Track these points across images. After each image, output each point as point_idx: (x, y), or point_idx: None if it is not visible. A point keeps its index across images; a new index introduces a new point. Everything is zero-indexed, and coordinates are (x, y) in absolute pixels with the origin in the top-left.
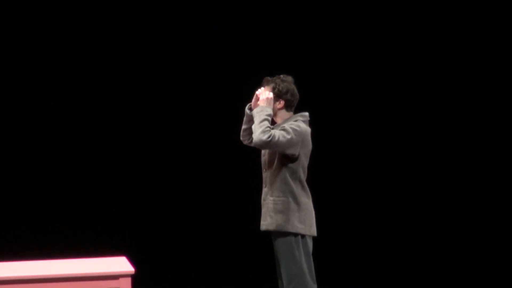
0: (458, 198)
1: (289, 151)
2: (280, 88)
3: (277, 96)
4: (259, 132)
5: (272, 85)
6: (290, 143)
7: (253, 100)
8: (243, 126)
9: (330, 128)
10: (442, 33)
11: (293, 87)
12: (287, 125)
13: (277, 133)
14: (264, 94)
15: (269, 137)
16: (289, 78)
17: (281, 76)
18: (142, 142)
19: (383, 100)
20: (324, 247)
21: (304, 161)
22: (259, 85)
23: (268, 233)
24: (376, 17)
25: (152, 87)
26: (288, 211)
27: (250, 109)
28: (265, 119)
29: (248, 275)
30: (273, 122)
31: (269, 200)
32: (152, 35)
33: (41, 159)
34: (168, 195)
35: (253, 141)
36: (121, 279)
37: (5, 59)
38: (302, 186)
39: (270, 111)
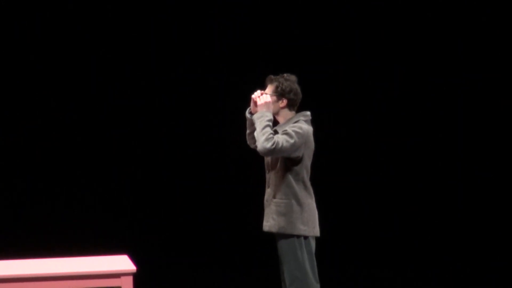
0: (458, 198)
1: (294, 155)
2: (283, 87)
3: (280, 95)
4: (262, 140)
5: (275, 83)
6: (294, 147)
7: (251, 104)
8: (247, 131)
9: (330, 128)
10: (442, 33)
11: (296, 86)
12: (289, 129)
13: (281, 138)
14: (262, 98)
15: (273, 144)
16: (293, 77)
17: (285, 75)
18: (142, 142)
19: (383, 100)
20: (324, 247)
21: (308, 161)
22: (260, 85)
23: (270, 233)
24: (376, 17)
25: (152, 87)
26: (291, 213)
27: (251, 113)
28: (266, 125)
29: (249, 275)
30: (275, 122)
31: (272, 201)
32: (152, 35)
33: (41, 159)
34: (168, 195)
35: (258, 149)
36: (122, 278)
37: (5, 59)
38: (305, 187)
39: (270, 116)
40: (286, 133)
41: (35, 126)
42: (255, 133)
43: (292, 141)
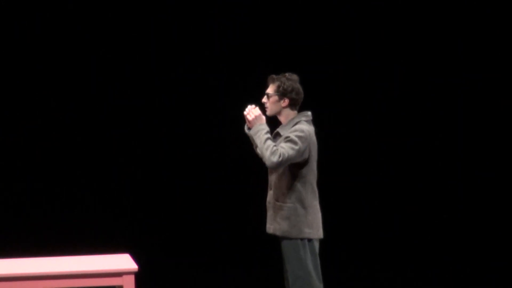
0: (458, 198)
1: (300, 159)
2: (285, 87)
3: (282, 94)
4: (268, 155)
5: (277, 83)
6: (299, 152)
7: (246, 120)
8: (253, 146)
9: (330, 128)
10: (442, 33)
11: (298, 85)
12: (291, 135)
13: (285, 148)
14: (252, 112)
15: (279, 157)
16: (294, 77)
17: (286, 74)
18: (142, 142)
19: (383, 100)
20: (324, 247)
21: (313, 163)
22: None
23: (273, 235)
24: (376, 17)
25: (152, 87)
26: (295, 217)
27: (249, 129)
28: (266, 139)
29: (250, 274)
30: (278, 122)
31: (275, 204)
32: (152, 35)
33: (41, 159)
34: (169, 195)
35: (266, 165)
36: (124, 277)
37: (5, 59)
38: (312, 190)
39: (266, 128)
40: (289, 140)
41: (35, 126)
42: (258, 150)
43: (297, 147)
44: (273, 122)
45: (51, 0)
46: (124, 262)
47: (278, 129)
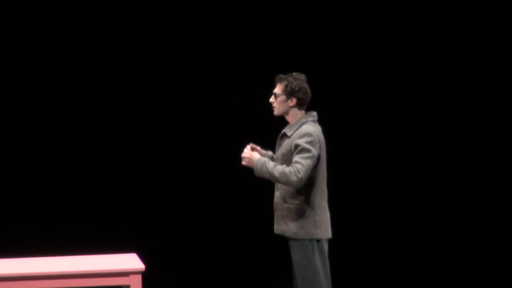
0: (458, 198)
1: (316, 162)
2: (293, 86)
3: (290, 94)
4: (286, 180)
5: (284, 82)
6: (315, 158)
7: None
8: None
9: (330, 128)
10: (442, 33)
11: (305, 85)
12: (301, 143)
13: (300, 161)
14: (244, 156)
15: (298, 172)
16: (302, 76)
17: (294, 74)
18: (142, 142)
19: (383, 100)
20: None
21: (323, 164)
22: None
23: (281, 236)
24: (376, 17)
25: (152, 87)
26: (303, 218)
27: None
28: (274, 166)
29: (256, 274)
30: (285, 122)
31: (282, 206)
32: (152, 35)
33: (42, 159)
34: (174, 195)
35: (294, 188)
36: (131, 276)
37: (5, 59)
38: (320, 190)
39: (262, 159)
40: (300, 150)
41: (35, 126)
42: (276, 182)
43: (311, 154)
44: (280, 122)
45: (51, 0)
46: (131, 261)
47: (285, 130)
